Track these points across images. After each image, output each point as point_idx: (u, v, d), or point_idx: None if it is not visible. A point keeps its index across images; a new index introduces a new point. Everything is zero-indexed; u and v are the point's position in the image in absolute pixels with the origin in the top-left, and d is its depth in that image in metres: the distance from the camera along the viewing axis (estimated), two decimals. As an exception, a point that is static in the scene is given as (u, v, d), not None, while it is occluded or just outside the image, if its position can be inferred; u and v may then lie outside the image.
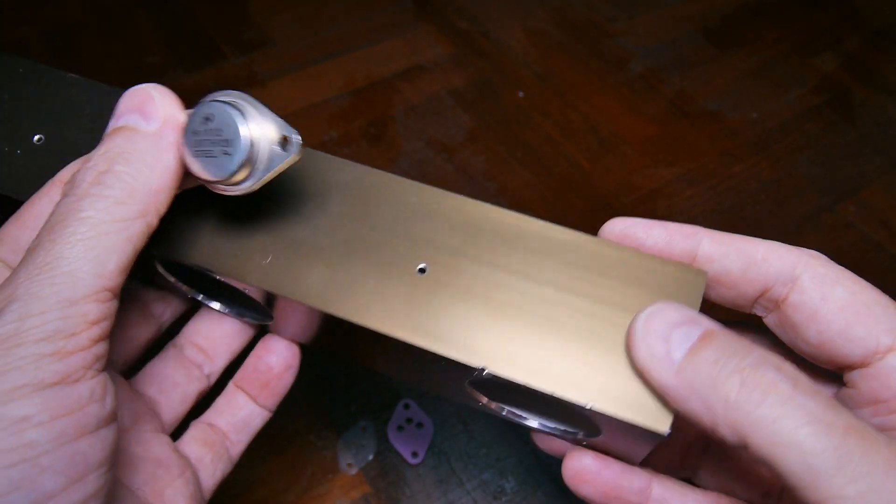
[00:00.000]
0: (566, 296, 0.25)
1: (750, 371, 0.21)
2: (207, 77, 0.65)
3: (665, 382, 0.22)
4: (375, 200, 0.27)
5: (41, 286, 0.20)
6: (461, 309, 0.25)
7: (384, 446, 0.45)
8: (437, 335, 0.25)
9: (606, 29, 0.73)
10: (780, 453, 0.20)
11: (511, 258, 0.26)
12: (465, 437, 0.46)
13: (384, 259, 0.26)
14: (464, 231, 0.26)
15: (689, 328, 0.23)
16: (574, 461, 0.28)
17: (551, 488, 0.44)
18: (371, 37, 0.70)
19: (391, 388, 0.47)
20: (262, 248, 0.26)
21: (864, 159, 0.63)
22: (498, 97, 0.65)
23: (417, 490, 0.44)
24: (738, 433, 0.21)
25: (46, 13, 0.69)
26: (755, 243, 0.26)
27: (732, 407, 0.21)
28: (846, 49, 0.72)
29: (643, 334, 0.23)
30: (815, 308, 0.25)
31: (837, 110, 0.67)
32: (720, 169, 0.62)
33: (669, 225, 0.27)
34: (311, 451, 0.45)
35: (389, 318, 0.25)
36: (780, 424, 0.20)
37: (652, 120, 0.65)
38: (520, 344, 0.24)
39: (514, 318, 0.25)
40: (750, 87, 0.68)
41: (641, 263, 0.26)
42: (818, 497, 0.19)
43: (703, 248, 0.26)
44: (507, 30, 0.72)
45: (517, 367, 0.24)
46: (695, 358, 0.22)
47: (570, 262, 0.26)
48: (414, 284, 0.25)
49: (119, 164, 0.22)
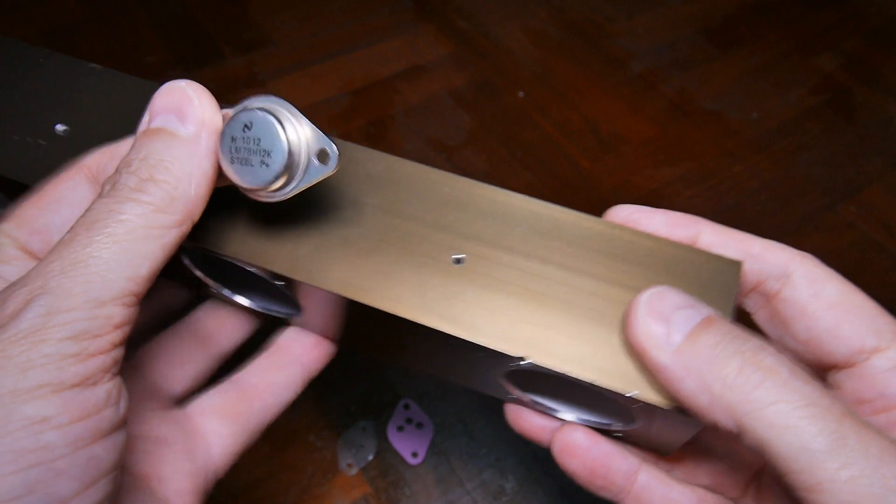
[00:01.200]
0: (605, 286, 0.25)
1: (750, 354, 0.21)
2: (207, 77, 0.65)
3: (662, 362, 0.22)
4: (408, 191, 0.27)
5: (73, 283, 0.19)
6: (499, 299, 0.25)
7: (384, 446, 0.45)
8: (475, 325, 0.24)
9: (606, 29, 0.73)
10: (775, 436, 0.20)
11: (547, 248, 0.26)
12: (465, 437, 0.46)
13: (420, 249, 0.26)
14: (498, 221, 0.26)
15: (690, 311, 0.23)
16: (565, 434, 0.28)
17: (551, 488, 0.44)
18: (371, 37, 0.70)
19: (391, 388, 0.47)
20: (295, 238, 0.26)
21: (865, 159, 0.63)
22: (498, 97, 0.65)
23: (417, 490, 0.44)
24: (733, 415, 0.21)
25: (46, 12, 0.69)
26: (752, 239, 0.27)
27: (730, 388, 0.21)
28: (847, 49, 0.72)
29: (643, 313, 0.23)
30: (806, 304, 0.25)
31: (838, 110, 0.67)
32: (720, 169, 0.62)
33: (671, 213, 0.27)
34: (311, 451, 0.45)
35: (427, 308, 0.25)
36: (778, 407, 0.20)
37: (652, 120, 0.65)
38: (559, 333, 0.24)
39: (552, 308, 0.25)
40: (750, 87, 0.68)
41: (676, 253, 0.26)
42: (811, 480, 0.20)
43: (702, 238, 0.27)
44: (507, 30, 0.72)
45: (557, 357, 0.24)
46: (695, 340, 0.22)
47: (607, 252, 0.26)
48: (450, 274, 0.25)
49: (160, 173, 0.22)
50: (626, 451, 0.29)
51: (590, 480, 0.28)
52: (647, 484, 0.28)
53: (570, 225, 0.26)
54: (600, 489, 0.28)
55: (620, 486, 0.28)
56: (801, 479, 0.20)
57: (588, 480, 0.28)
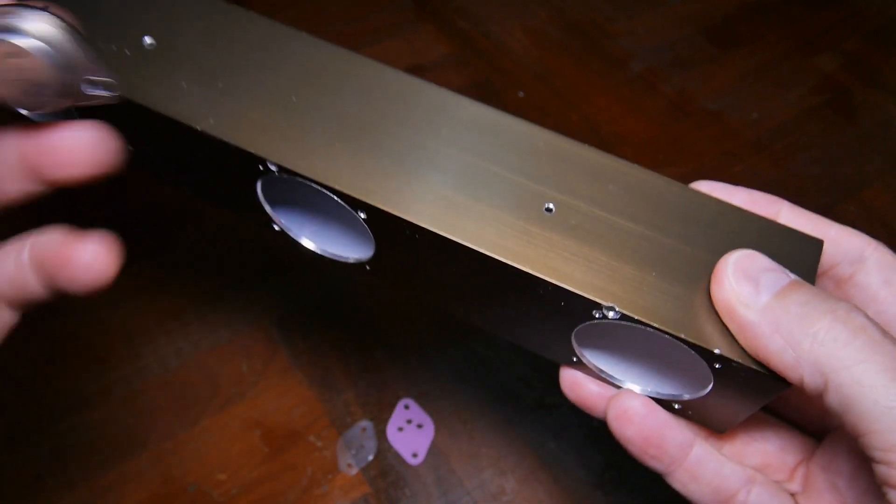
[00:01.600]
0: (692, 249, 0.25)
1: (842, 312, 0.22)
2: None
3: (750, 319, 0.23)
4: (504, 140, 0.28)
5: None
6: (588, 251, 0.25)
7: (384, 446, 0.45)
8: (564, 272, 0.25)
9: (606, 29, 0.73)
10: (861, 394, 0.20)
11: (637, 207, 0.26)
12: (465, 437, 0.46)
13: (512, 194, 0.26)
14: (590, 178, 0.27)
15: (779, 274, 0.23)
16: (622, 400, 0.28)
17: (551, 488, 0.44)
18: (371, 37, 0.70)
19: (391, 388, 0.47)
20: (386, 170, 0.26)
21: (865, 159, 0.63)
22: (498, 97, 0.65)
23: (417, 490, 0.44)
24: (821, 371, 0.21)
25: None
26: (829, 223, 0.27)
27: (820, 343, 0.21)
28: (847, 49, 0.72)
29: (732, 271, 0.23)
30: (877, 290, 0.26)
31: (838, 110, 0.67)
32: (720, 169, 0.62)
33: (752, 192, 0.28)
34: (311, 451, 0.45)
35: (514, 249, 0.25)
36: (867, 366, 0.20)
37: (652, 120, 0.65)
38: (648, 288, 0.25)
39: (640, 265, 0.25)
40: (750, 87, 0.68)
41: (761, 225, 0.26)
42: (892, 441, 0.20)
43: (782, 217, 0.27)
44: (507, 30, 0.72)
45: (646, 311, 0.24)
46: (784, 298, 0.22)
47: (695, 217, 0.26)
48: (541, 222, 0.26)
49: None
50: (683, 423, 0.28)
51: (643, 450, 0.28)
52: (701, 458, 0.28)
53: (661, 188, 0.27)
54: (652, 458, 0.28)
55: (674, 457, 0.28)
56: (884, 440, 0.20)
57: (641, 449, 0.28)
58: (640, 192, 0.27)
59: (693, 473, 0.28)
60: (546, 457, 0.45)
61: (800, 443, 0.30)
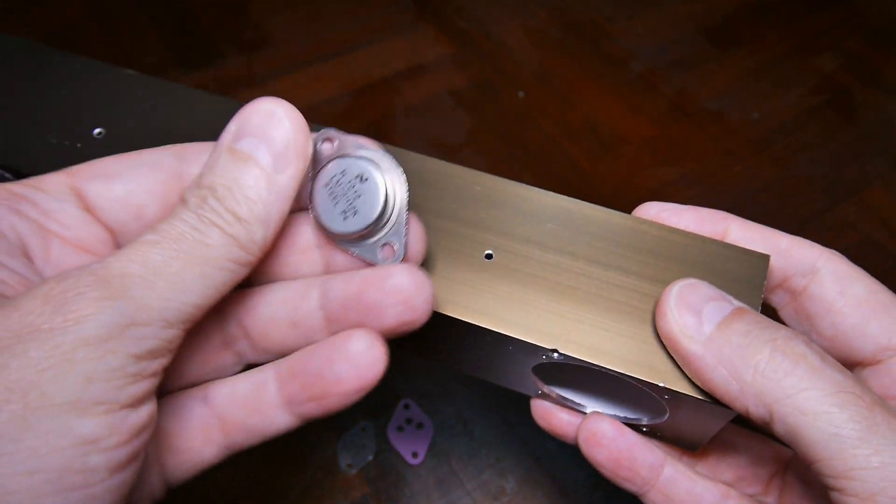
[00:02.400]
0: (634, 280, 0.26)
1: (781, 342, 0.22)
2: (207, 77, 0.65)
3: (693, 351, 0.22)
4: (440, 189, 0.28)
5: (153, 296, 0.18)
6: (530, 293, 0.25)
7: (384, 446, 0.45)
8: (507, 318, 0.25)
9: (606, 29, 0.73)
10: (806, 423, 0.20)
11: (577, 243, 0.26)
12: (465, 438, 0.46)
13: (451, 245, 0.26)
14: (528, 218, 0.27)
15: (722, 303, 0.23)
16: (591, 424, 0.28)
17: (551, 489, 0.44)
18: (371, 37, 0.70)
19: (391, 388, 0.47)
20: None
21: (865, 159, 0.63)
22: (498, 97, 0.65)
23: (417, 490, 0.44)
24: (764, 402, 0.21)
25: (46, 13, 0.69)
26: (780, 235, 0.27)
27: (761, 375, 0.21)
28: (847, 49, 0.72)
29: (675, 303, 0.23)
30: (833, 301, 0.26)
31: (838, 110, 0.67)
32: (721, 169, 0.62)
33: (700, 210, 0.28)
34: (311, 451, 0.45)
35: (458, 302, 0.25)
36: (809, 394, 0.20)
37: (652, 120, 0.65)
38: (589, 326, 0.25)
39: (582, 302, 0.25)
40: (751, 87, 0.68)
41: (705, 248, 0.26)
42: (842, 467, 0.20)
43: (731, 234, 0.27)
44: (507, 30, 0.72)
45: (588, 349, 0.24)
46: (726, 329, 0.22)
47: (637, 247, 0.26)
48: (482, 269, 0.26)
49: (244, 211, 0.20)
50: (652, 444, 0.29)
51: (615, 472, 0.28)
52: (673, 478, 0.28)
53: (600, 221, 0.27)
54: (625, 481, 0.28)
55: (645, 478, 0.28)
56: (832, 466, 0.20)
57: (613, 472, 0.28)
58: (579, 226, 0.27)
59: (666, 494, 0.28)
60: (545, 457, 0.45)
61: (773, 454, 0.30)
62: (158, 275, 0.19)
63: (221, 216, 0.20)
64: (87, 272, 0.18)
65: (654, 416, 0.27)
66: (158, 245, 0.19)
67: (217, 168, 0.21)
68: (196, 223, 0.20)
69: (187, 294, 0.19)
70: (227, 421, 0.23)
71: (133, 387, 0.18)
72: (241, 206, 0.21)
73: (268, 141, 0.21)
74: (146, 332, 0.18)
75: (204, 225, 0.20)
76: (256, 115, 0.21)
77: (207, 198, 0.21)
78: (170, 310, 0.19)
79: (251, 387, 0.24)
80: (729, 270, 0.25)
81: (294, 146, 0.21)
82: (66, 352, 0.17)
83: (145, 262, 0.19)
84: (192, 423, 0.23)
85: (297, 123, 0.21)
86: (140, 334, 0.18)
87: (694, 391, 0.23)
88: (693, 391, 0.23)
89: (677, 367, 0.24)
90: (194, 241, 0.20)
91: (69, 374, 0.16)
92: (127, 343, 0.17)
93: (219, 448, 0.23)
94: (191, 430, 0.23)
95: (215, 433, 0.23)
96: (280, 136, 0.21)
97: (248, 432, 0.24)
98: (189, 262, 0.19)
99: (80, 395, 0.16)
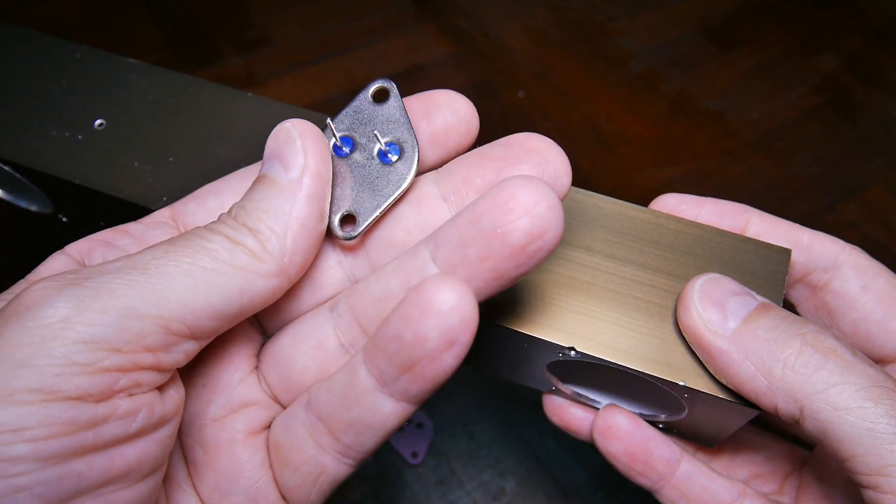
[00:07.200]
0: (653, 275, 0.25)
1: (811, 336, 0.21)
2: (206, 76, 0.65)
3: (718, 346, 0.22)
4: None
5: (120, 285, 0.17)
6: (546, 290, 0.25)
7: (384, 446, 0.45)
8: (523, 316, 0.25)
9: (606, 29, 0.72)
10: (838, 418, 0.20)
11: (593, 238, 0.26)
12: (465, 438, 0.46)
13: None
14: None
15: (746, 297, 0.23)
16: (607, 416, 0.27)
17: (551, 489, 0.44)
18: (371, 37, 0.70)
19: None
20: None
21: (866, 159, 0.63)
22: (498, 97, 0.65)
23: (417, 490, 0.43)
24: (794, 398, 0.21)
25: (46, 12, 0.69)
26: (801, 229, 0.27)
27: (791, 370, 0.21)
28: (848, 48, 0.72)
29: (698, 298, 0.23)
30: (855, 296, 0.25)
31: (839, 110, 0.67)
32: (721, 169, 0.61)
33: (720, 202, 0.27)
34: (310, 452, 0.45)
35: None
36: (842, 388, 0.20)
37: (652, 120, 0.65)
38: (607, 323, 0.24)
39: (599, 298, 0.25)
40: (751, 87, 0.68)
41: (725, 241, 0.26)
42: (877, 464, 0.19)
43: (751, 228, 0.27)
44: (507, 30, 0.72)
45: (605, 347, 0.24)
46: (752, 324, 0.22)
47: (655, 241, 0.26)
48: None
49: (255, 223, 0.20)
50: (669, 439, 0.28)
51: (630, 465, 0.28)
52: (689, 474, 0.28)
53: (616, 214, 0.26)
54: (639, 475, 0.28)
55: (661, 473, 0.28)
56: (866, 463, 0.19)
57: (628, 465, 0.28)
58: (594, 220, 0.26)
59: (682, 490, 0.28)
60: (546, 457, 0.45)
61: (789, 453, 0.30)
62: (136, 268, 0.18)
63: (226, 223, 0.20)
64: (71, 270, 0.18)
65: (672, 413, 0.27)
66: (150, 248, 0.19)
67: (243, 200, 0.21)
68: (200, 232, 0.20)
69: (170, 290, 0.18)
70: (329, 420, 0.21)
71: (81, 378, 0.16)
72: (250, 218, 0.20)
73: (278, 155, 0.21)
74: (100, 319, 0.17)
75: (208, 232, 0.20)
76: (270, 139, 0.21)
77: (225, 218, 0.21)
78: (137, 299, 0.17)
79: (344, 376, 0.21)
80: (749, 265, 0.25)
81: (302, 146, 0.21)
82: (10, 337, 0.16)
83: (129, 260, 0.19)
84: (298, 431, 0.22)
85: (303, 128, 0.21)
86: (90, 320, 0.17)
87: (716, 390, 0.23)
88: (715, 390, 0.23)
89: (698, 364, 0.23)
90: (189, 243, 0.19)
91: (4, 361, 0.16)
92: (74, 329, 0.16)
93: (335, 455, 0.22)
94: (299, 438, 0.22)
95: (323, 437, 0.22)
96: (287, 143, 0.21)
97: (353, 428, 0.21)
98: (177, 259, 0.19)
99: (7, 384, 0.16)
